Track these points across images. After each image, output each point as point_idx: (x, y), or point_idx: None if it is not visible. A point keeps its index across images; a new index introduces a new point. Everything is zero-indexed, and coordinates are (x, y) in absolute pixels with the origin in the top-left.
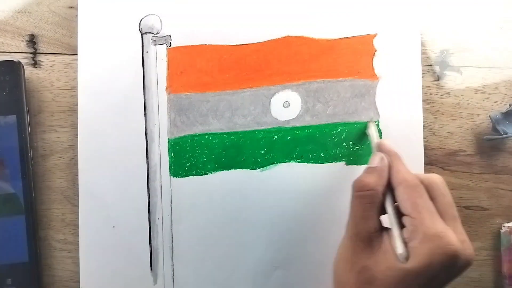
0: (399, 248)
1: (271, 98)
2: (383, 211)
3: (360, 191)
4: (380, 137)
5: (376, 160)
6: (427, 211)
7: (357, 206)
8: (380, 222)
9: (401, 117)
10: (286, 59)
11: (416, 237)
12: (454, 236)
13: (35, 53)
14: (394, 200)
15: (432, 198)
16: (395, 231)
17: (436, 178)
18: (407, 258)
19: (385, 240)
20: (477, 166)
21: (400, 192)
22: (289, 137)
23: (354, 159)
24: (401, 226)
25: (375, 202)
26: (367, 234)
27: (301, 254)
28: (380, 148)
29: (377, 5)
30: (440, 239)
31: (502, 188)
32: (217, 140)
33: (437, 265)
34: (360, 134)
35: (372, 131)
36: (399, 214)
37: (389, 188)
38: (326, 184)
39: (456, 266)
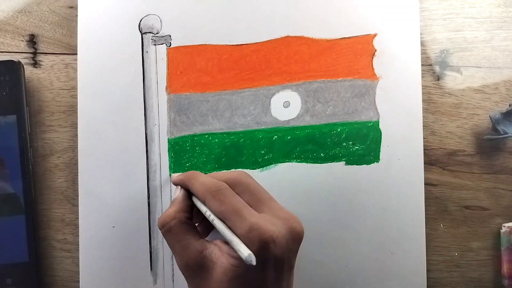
0: (244, 251)
1: (271, 98)
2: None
3: (163, 226)
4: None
5: (175, 193)
6: (235, 212)
7: (171, 241)
8: (203, 242)
9: (401, 117)
10: (286, 59)
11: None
12: (268, 220)
13: (35, 53)
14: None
15: (239, 193)
16: (232, 237)
17: (236, 174)
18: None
19: (216, 252)
20: (477, 166)
21: (208, 204)
22: (289, 137)
23: (354, 159)
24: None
25: (184, 228)
26: (196, 260)
27: (301, 254)
28: (174, 182)
29: (377, 5)
30: (258, 230)
31: (502, 188)
32: (217, 140)
33: (262, 254)
34: (360, 134)
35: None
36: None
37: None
38: (326, 184)
39: (278, 246)
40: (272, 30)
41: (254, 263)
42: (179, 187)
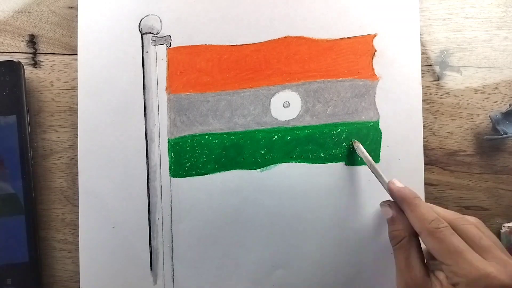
0: None
1: (271, 98)
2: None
3: (398, 242)
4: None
5: (389, 211)
6: (456, 253)
7: (399, 257)
8: (425, 268)
9: (401, 117)
10: (286, 59)
11: (460, 283)
12: (499, 269)
13: (35, 53)
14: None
15: (460, 235)
16: None
17: (461, 217)
18: None
19: (435, 285)
20: (477, 166)
21: (424, 241)
22: (289, 137)
23: (354, 159)
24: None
25: (412, 247)
26: (414, 283)
27: (301, 254)
28: (391, 193)
29: (377, 5)
30: (487, 279)
31: (502, 188)
32: (217, 140)
33: None
34: (360, 134)
35: (361, 150)
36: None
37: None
38: (326, 184)
39: None
40: (272, 30)
41: None
42: (388, 204)
